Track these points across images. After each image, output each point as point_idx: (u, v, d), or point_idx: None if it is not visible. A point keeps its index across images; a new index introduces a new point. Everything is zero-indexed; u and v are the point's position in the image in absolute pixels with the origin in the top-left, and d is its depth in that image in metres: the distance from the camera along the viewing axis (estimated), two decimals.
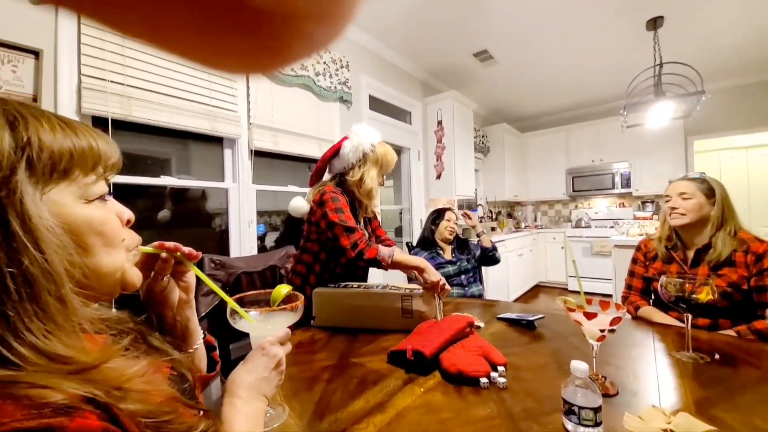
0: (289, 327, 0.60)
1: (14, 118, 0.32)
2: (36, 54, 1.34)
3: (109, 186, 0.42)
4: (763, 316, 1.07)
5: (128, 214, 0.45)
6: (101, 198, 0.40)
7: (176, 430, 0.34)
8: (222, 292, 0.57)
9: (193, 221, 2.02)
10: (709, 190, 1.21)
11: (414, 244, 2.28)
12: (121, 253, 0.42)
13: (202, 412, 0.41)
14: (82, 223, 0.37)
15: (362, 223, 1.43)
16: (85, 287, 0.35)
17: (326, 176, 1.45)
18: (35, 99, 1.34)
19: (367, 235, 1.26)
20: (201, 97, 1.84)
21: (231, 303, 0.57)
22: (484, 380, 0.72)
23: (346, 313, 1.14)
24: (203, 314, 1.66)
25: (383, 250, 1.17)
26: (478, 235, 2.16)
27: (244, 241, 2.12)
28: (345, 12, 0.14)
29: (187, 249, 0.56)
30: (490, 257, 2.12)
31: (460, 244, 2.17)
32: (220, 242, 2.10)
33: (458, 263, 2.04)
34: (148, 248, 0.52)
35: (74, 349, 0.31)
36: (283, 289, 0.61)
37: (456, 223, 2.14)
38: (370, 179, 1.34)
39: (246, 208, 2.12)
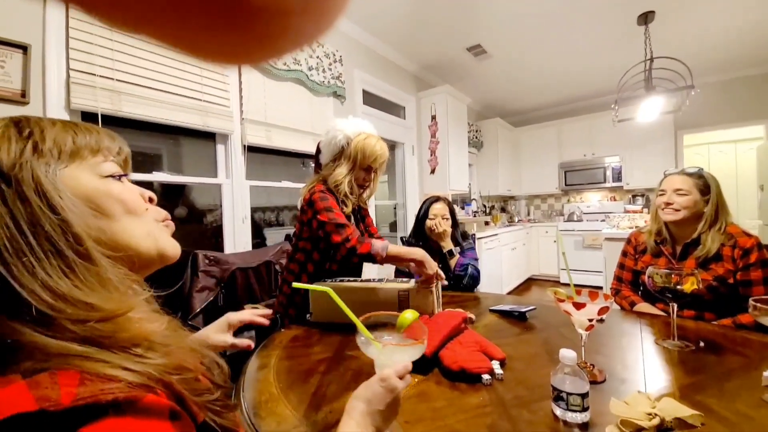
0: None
1: (19, 119, 0.37)
2: (24, 49, 1.32)
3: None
4: (748, 309, 1.09)
5: (149, 193, 0.47)
6: (115, 177, 0.42)
7: (198, 389, 0.37)
8: (354, 317, 0.58)
9: (187, 217, 2.01)
10: (705, 186, 1.21)
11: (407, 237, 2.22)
12: (148, 220, 0.44)
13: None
14: (100, 193, 0.39)
15: (352, 219, 1.40)
16: (117, 251, 0.38)
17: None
18: (23, 94, 1.32)
19: (359, 231, 1.24)
20: (192, 92, 1.82)
21: (363, 331, 0.57)
22: (486, 377, 0.72)
23: (339, 308, 1.14)
24: (198, 310, 1.66)
25: (377, 244, 1.16)
26: (448, 253, 1.68)
27: (238, 237, 2.11)
28: (334, 5, 0.14)
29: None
30: (457, 277, 1.63)
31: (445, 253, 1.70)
32: (214, 238, 2.10)
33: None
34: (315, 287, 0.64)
35: (98, 298, 0.33)
36: (408, 314, 0.61)
37: (445, 218, 1.73)
38: (339, 175, 1.28)
39: (240, 204, 2.11)
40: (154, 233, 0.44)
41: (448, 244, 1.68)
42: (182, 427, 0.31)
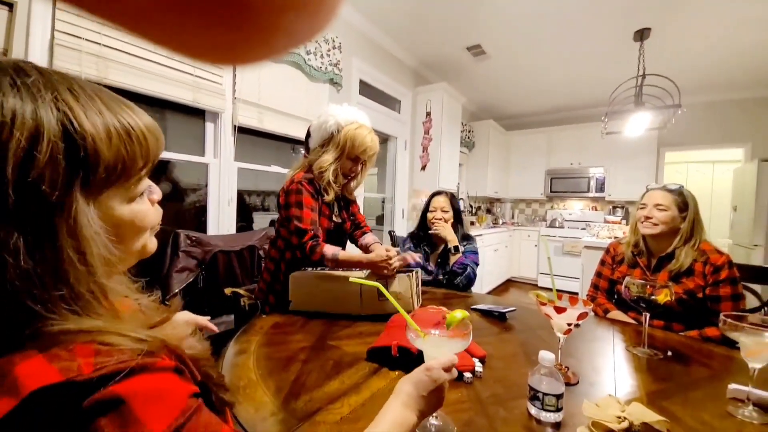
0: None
1: (69, 119, 0.30)
2: (10, 6, 1.24)
3: None
4: (714, 323, 1.14)
5: (158, 194, 0.45)
6: (144, 193, 0.41)
7: (207, 366, 0.41)
8: (404, 312, 0.62)
9: (170, 194, 1.96)
10: (684, 203, 1.26)
11: (395, 231, 2.25)
12: (148, 233, 0.44)
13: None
14: (126, 221, 0.38)
15: (335, 208, 1.37)
16: (117, 264, 0.38)
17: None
18: (5, 53, 1.25)
19: (319, 235, 1.22)
20: (184, 65, 1.76)
21: (411, 324, 0.60)
22: (467, 375, 0.73)
23: (322, 297, 1.13)
24: (176, 291, 1.63)
25: (327, 252, 1.17)
26: (449, 250, 1.66)
27: (222, 219, 2.07)
28: (328, 5, 0.14)
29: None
30: (452, 273, 1.62)
31: (444, 253, 1.69)
32: (197, 219, 2.05)
33: (436, 276, 1.68)
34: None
35: (104, 320, 0.34)
36: (458, 314, 0.65)
37: (444, 210, 1.73)
38: (325, 162, 1.25)
39: (226, 186, 2.07)
40: (147, 243, 0.44)
41: (453, 240, 1.67)
42: (186, 379, 0.35)
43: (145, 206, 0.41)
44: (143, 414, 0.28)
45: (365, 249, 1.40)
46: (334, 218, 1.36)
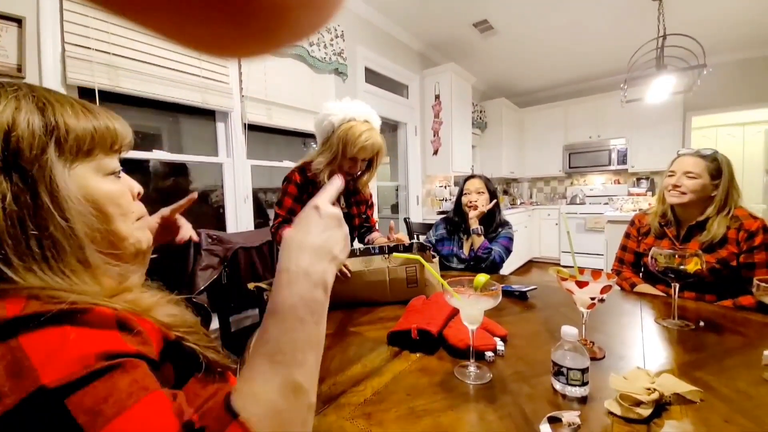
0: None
1: (43, 104, 0.37)
2: (19, 22, 1.28)
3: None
4: (749, 292, 1.08)
5: (138, 187, 0.50)
6: (116, 174, 0.45)
7: (188, 332, 0.42)
8: (440, 276, 0.71)
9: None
10: (717, 170, 1.18)
11: (410, 218, 2.24)
12: (132, 221, 0.47)
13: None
14: (103, 195, 0.42)
15: (341, 201, 1.37)
16: (111, 250, 0.42)
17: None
18: (19, 69, 1.29)
19: (290, 219, 1.27)
20: (191, 68, 1.78)
21: (445, 285, 0.68)
22: (489, 354, 0.73)
23: (351, 290, 1.11)
24: (202, 288, 1.68)
25: (285, 235, 1.21)
26: (474, 231, 1.63)
27: (240, 216, 2.11)
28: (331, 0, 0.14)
29: None
30: (478, 258, 1.60)
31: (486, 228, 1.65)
32: (217, 218, 2.10)
33: (469, 263, 1.65)
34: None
35: (94, 293, 0.36)
36: (482, 278, 0.72)
37: (480, 192, 1.69)
38: (319, 164, 1.25)
39: (241, 184, 2.10)
40: (135, 234, 0.47)
41: (473, 223, 1.63)
42: (135, 338, 0.34)
43: (119, 187, 0.45)
44: (36, 360, 0.27)
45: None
46: None
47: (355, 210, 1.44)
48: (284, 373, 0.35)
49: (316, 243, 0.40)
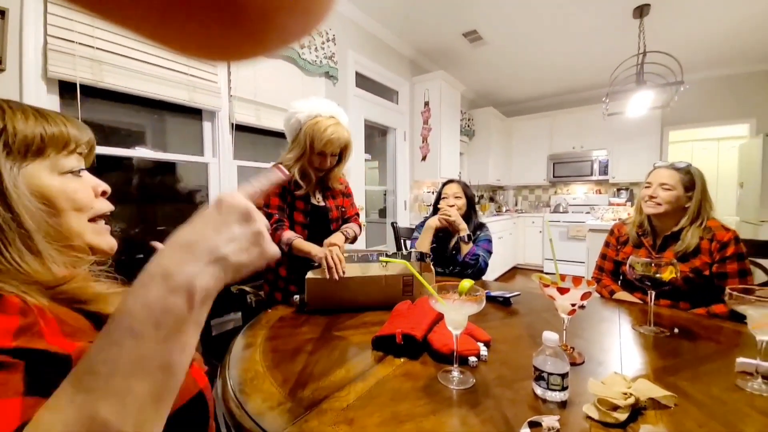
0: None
1: None
2: (2, 13, 1.24)
3: (92, 163, 0.53)
4: (722, 301, 1.12)
5: (103, 186, 0.51)
6: (75, 172, 0.47)
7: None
8: (425, 281, 0.71)
9: (173, 196, 1.97)
10: (690, 182, 1.23)
11: (398, 223, 2.24)
12: (89, 217, 0.48)
13: None
14: (56, 191, 0.44)
15: (316, 194, 1.41)
16: (65, 242, 0.45)
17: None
18: (0, 61, 1.25)
19: (284, 221, 1.30)
20: (178, 65, 1.75)
21: (430, 290, 0.69)
22: (472, 359, 0.73)
23: (342, 296, 1.09)
24: None
25: (284, 236, 1.23)
26: (461, 239, 1.59)
27: None
28: (321, 4, 0.14)
29: None
30: (464, 265, 1.57)
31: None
32: None
33: (453, 269, 1.62)
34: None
35: (44, 273, 0.40)
36: (466, 283, 0.74)
37: (457, 197, 1.68)
38: (289, 160, 1.30)
39: (227, 185, 2.07)
40: (89, 232, 0.48)
41: (464, 230, 1.59)
42: (31, 334, 0.33)
43: (75, 184, 0.47)
44: None
45: None
46: (313, 202, 1.39)
47: (332, 202, 1.45)
48: (84, 403, 0.25)
49: (191, 238, 0.31)
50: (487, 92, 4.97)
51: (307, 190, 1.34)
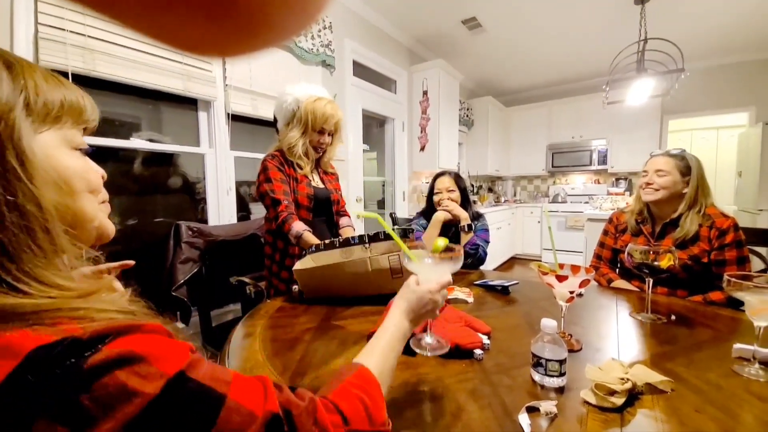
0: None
1: (10, 63, 0.34)
2: None
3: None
4: (719, 288, 1.12)
5: (102, 171, 0.47)
6: (82, 150, 0.42)
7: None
8: (397, 237, 0.66)
9: (169, 187, 1.95)
10: (686, 168, 1.23)
11: (396, 213, 2.22)
12: (99, 201, 0.44)
13: None
14: (70, 168, 0.39)
15: (315, 177, 1.43)
16: (73, 228, 0.38)
17: None
18: None
19: (292, 207, 1.28)
20: (173, 54, 1.72)
21: (404, 249, 0.64)
22: (478, 352, 0.72)
23: (332, 284, 1.09)
24: (182, 281, 1.64)
25: (294, 228, 1.21)
26: (461, 229, 1.59)
27: (222, 209, 2.07)
28: (315, 1, 0.15)
29: None
30: (464, 255, 1.50)
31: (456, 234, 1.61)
32: (198, 210, 2.05)
33: None
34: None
35: (68, 279, 0.34)
36: (441, 242, 0.71)
37: (450, 190, 1.66)
38: (293, 138, 1.31)
39: (224, 175, 2.06)
40: (100, 216, 0.45)
41: (465, 219, 1.60)
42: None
43: (86, 162, 0.42)
44: (158, 364, 0.29)
45: (339, 229, 1.51)
46: (313, 184, 1.40)
47: (331, 186, 1.49)
48: (365, 357, 0.51)
49: (415, 308, 0.58)
50: (486, 81, 4.91)
51: (310, 171, 1.38)
